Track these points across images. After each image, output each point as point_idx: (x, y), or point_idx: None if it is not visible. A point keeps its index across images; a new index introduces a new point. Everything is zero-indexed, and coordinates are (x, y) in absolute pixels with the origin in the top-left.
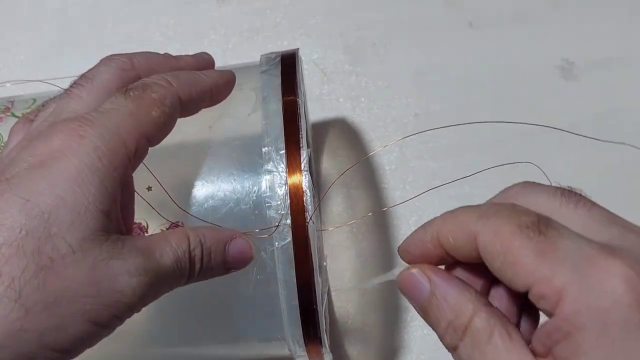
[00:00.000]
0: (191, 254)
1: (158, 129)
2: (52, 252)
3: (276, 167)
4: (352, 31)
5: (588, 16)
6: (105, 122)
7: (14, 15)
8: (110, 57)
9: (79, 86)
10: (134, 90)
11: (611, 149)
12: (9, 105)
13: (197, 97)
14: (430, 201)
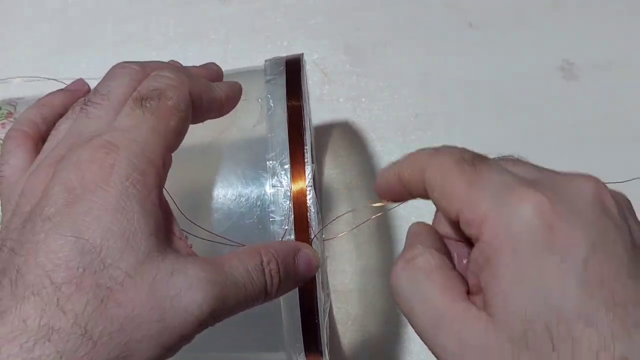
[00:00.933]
0: (265, 269)
1: (177, 136)
2: (109, 282)
3: (280, 182)
4: (353, 31)
5: (588, 17)
6: (131, 145)
7: (14, 15)
8: (122, 66)
9: (94, 104)
10: (149, 101)
11: (611, 151)
12: (11, 110)
13: (206, 104)
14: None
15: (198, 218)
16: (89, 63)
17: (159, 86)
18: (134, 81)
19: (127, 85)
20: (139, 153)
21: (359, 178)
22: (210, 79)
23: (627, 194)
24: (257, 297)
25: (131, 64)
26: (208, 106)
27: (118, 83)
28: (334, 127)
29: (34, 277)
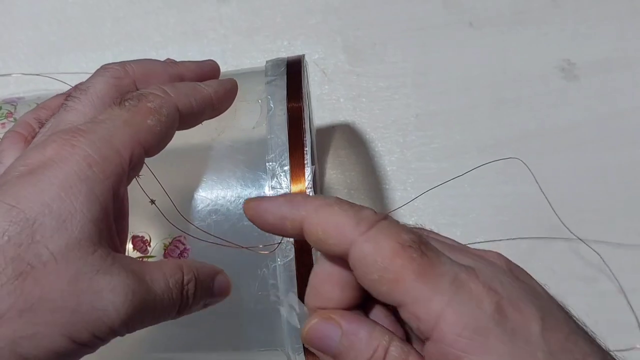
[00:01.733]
0: (184, 287)
1: (154, 137)
2: (32, 258)
3: (280, 184)
4: (352, 31)
5: (588, 16)
6: (98, 130)
7: (13, 14)
8: (104, 67)
9: (73, 98)
10: (129, 100)
11: (608, 152)
12: (11, 110)
13: (197, 107)
14: (429, 202)
15: (197, 220)
16: (89, 62)
17: (143, 92)
18: (114, 78)
19: (106, 82)
20: (104, 137)
21: (359, 178)
22: (204, 77)
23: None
24: (169, 312)
25: (114, 64)
26: (199, 108)
27: (97, 80)
28: (334, 127)
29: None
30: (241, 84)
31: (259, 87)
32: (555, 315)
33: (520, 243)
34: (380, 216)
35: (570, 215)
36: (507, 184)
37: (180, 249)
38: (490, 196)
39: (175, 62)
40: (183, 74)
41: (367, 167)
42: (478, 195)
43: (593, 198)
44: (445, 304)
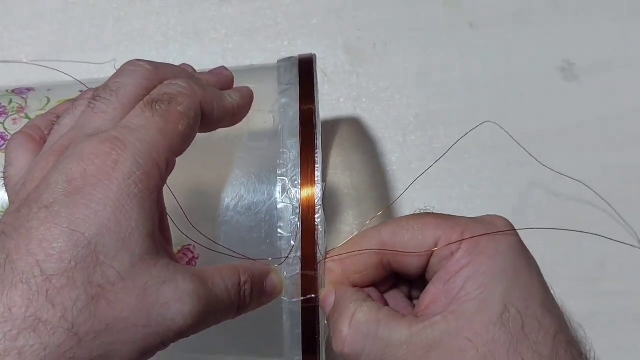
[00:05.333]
0: (241, 288)
1: (184, 142)
2: (101, 280)
3: (290, 199)
4: (353, 31)
5: (589, 16)
6: (137, 144)
7: (13, 15)
8: (134, 64)
9: (103, 99)
10: (160, 104)
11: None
12: (22, 104)
13: (217, 114)
14: (430, 202)
15: (207, 229)
16: (89, 62)
17: (171, 92)
18: (145, 80)
19: (136, 84)
20: (144, 152)
21: (360, 177)
22: (221, 86)
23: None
24: (229, 313)
25: (144, 63)
26: (219, 116)
27: (128, 81)
28: (334, 127)
29: (24, 265)
30: (254, 88)
31: (271, 95)
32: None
33: None
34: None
35: (570, 215)
36: (508, 184)
37: (189, 257)
38: (490, 196)
39: (196, 73)
40: None
41: (367, 166)
42: (479, 196)
43: (593, 198)
44: (467, 223)
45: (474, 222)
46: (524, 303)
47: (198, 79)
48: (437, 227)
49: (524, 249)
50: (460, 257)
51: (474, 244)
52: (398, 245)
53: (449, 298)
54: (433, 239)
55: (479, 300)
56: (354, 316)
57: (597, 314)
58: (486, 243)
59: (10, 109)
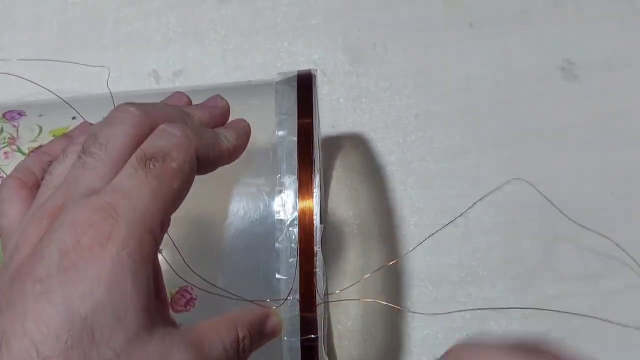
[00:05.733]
0: (239, 345)
1: (178, 198)
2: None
3: (289, 241)
4: (353, 31)
5: (589, 16)
6: (130, 212)
7: (13, 15)
8: (122, 110)
9: (92, 154)
10: (153, 162)
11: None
12: (14, 134)
13: (212, 159)
14: (430, 202)
15: (204, 269)
16: (89, 62)
17: (164, 145)
18: (135, 128)
19: (126, 134)
20: (138, 220)
21: (359, 178)
22: (216, 121)
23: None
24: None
25: (133, 108)
26: (215, 160)
27: (117, 131)
28: (334, 128)
29: (20, 346)
30: (251, 119)
31: (269, 124)
32: None
33: (521, 243)
34: None
35: (571, 215)
36: (508, 185)
37: (187, 297)
38: (490, 196)
39: (189, 109)
40: None
41: (367, 167)
42: (479, 196)
43: (593, 198)
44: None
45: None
46: None
47: (191, 119)
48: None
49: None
50: None
51: None
52: None
53: None
54: None
55: None
56: None
57: (597, 313)
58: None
59: (2, 139)
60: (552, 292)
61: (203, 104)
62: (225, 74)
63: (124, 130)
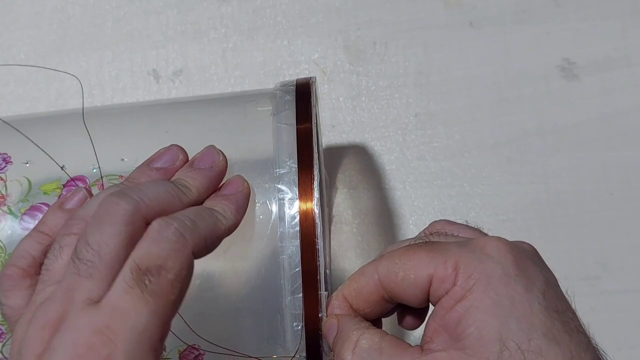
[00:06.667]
0: None
1: (177, 305)
2: None
3: (294, 307)
4: (353, 30)
5: (589, 16)
6: (129, 335)
7: (13, 14)
8: (114, 205)
9: (87, 262)
10: (149, 277)
11: (609, 151)
12: (2, 191)
13: (210, 246)
14: (429, 201)
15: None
16: (89, 61)
17: (159, 254)
18: (127, 226)
19: (118, 237)
20: (138, 343)
21: (359, 177)
22: (212, 185)
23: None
24: None
25: (123, 202)
26: (213, 245)
27: (109, 233)
28: (333, 127)
29: None
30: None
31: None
32: (557, 290)
33: None
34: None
35: (571, 214)
36: (508, 184)
37: (195, 354)
38: (490, 195)
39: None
40: (197, 199)
41: (366, 166)
42: (478, 195)
43: (594, 198)
44: (458, 256)
45: (467, 251)
46: (524, 336)
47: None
48: (428, 264)
49: (521, 272)
50: (454, 294)
51: (467, 277)
52: (393, 284)
53: (449, 334)
54: (426, 278)
55: (475, 338)
56: (357, 344)
57: (597, 314)
58: (479, 274)
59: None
60: None
61: (199, 164)
62: (225, 73)
63: (116, 231)
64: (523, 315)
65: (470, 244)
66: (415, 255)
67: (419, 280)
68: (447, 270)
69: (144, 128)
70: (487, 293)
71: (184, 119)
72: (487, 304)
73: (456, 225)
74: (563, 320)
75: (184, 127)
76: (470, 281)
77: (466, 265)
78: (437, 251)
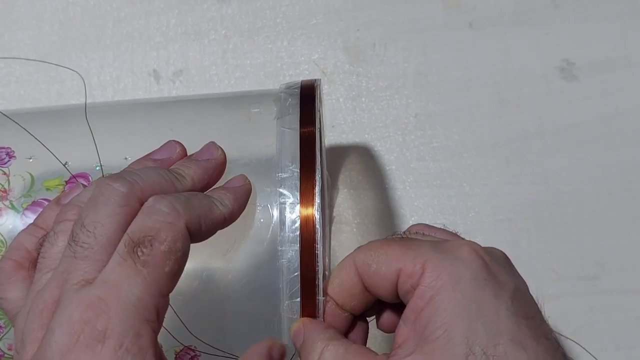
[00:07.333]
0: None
1: (173, 279)
2: None
3: (291, 312)
4: (352, 31)
5: (588, 16)
6: (122, 307)
7: (14, 15)
8: (108, 188)
9: (83, 244)
10: (142, 248)
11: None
12: (5, 186)
13: (205, 229)
14: (429, 201)
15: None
16: (90, 62)
17: (152, 227)
18: (122, 207)
19: (113, 217)
20: (132, 314)
21: (359, 177)
22: (210, 178)
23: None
24: None
25: (117, 185)
26: (208, 229)
27: (104, 214)
28: (333, 127)
29: None
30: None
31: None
32: (526, 296)
33: (520, 242)
34: None
35: (570, 215)
36: (507, 184)
37: (191, 355)
38: (489, 196)
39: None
40: (192, 188)
41: (366, 166)
42: (478, 195)
43: (593, 198)
44: (429, 255)
45: (438, 251)
46: (490, 341)
47: (182, 181)
48: (399, 258)
49: (490, 277)
50: (422, 294)
51: (435, 277)
52: (366, 276)
53: (417, 338)
54: (395, 272)
55: (442, 341)
56: (321, 356)
57: (596, 314)
58: (447, 276)
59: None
60: (552, 292)
61: (197, 157)
62: (225, 74)
63: (111, 212)
64: (490, 320)
65: (443, 245)
66: (389, 248)
67: (389, 274)
68: (415, 267)
69: (147, 126)
70: (454, 295)
71: (187, 118)
72: (454, 306)
73: (434, 229)
74: (531, 326)
75: (187, 126)
76: (439, 281)
77: (435, 265)
78: (409, 247)
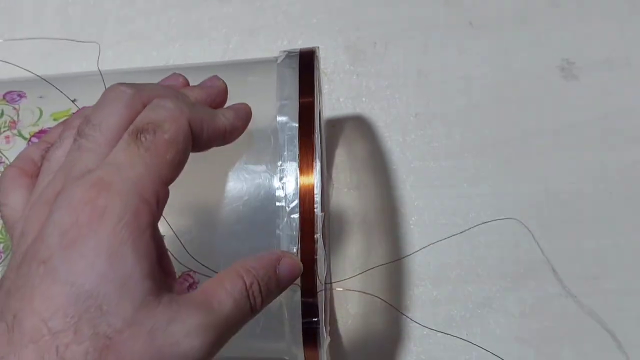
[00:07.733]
0: (249, 292)
1: (174, 170)
2: (108, 330)
3: (290, 229)
4: (353, 31)
5: (588, 16)
6: (122, 185)
7: (14, 14)
8: (115, 90)
9: (86, 136)
10: (145, 134)
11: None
12: (14, 118)
13: (207, 135)
14: (429, 202)
15: (205, 254)
16: (90, 62)
17: (156, 118)
18: (128, 108)
19: (120, 115)
20: (131, 192)
21: (359, 177)
22: (213, 101)
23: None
24: (243, 320)
25: (125, 88)
26: (210, 136)
27: (110, 111)
28: (333, 127)
29: (31, 325)
30: (251, 101)
31: (268, 112)
32: None
33: (520, 242)
34: None
35: (570, 214)
36: (508, 184)
37: (189, 281)
38: (490, 195)
39: (184, 90)
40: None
41: (366, 166)
42: (477, 195)
43: (593, 198)
44: None
45: None
46: None
47: (185, 96)
48: None
49: None
50: None
51: None
52: None
53: None
54: None
55: None
56: None
57: (597, 314)
58: None
59: (2, 123)
60: (552, 292)
61: (199, 85)
62: None
63: (117, 109)
64: None
65: None
66: None
67: None
68: None
69: None
70: None
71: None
72: None
73: None
74: None
75: None
76: None
77: None
78: None
